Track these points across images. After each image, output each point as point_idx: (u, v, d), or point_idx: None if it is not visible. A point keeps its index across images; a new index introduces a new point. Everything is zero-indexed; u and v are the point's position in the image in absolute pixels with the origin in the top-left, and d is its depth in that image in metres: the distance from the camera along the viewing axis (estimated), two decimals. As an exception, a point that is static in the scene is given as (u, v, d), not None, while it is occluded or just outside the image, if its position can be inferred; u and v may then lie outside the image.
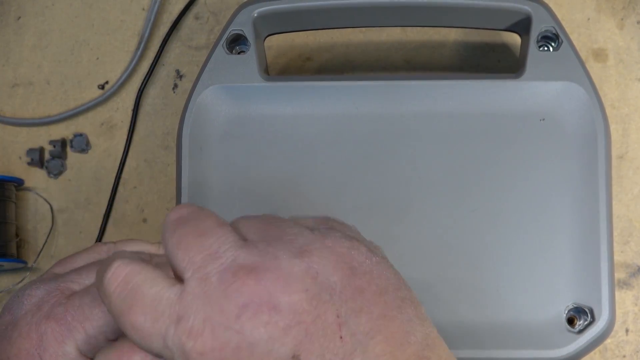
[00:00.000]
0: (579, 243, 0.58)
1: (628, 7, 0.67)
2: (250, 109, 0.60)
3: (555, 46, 0.59)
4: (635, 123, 0.65)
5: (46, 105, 0.68)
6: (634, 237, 0.64)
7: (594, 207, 0.58)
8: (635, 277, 0.64)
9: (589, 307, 0.57)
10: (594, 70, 0.65)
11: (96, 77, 0.68)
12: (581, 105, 0.58)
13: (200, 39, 0.68)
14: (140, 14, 0.69)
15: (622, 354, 0.64)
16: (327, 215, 0.45)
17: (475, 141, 0.59)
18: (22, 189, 0.67)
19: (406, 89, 0.59)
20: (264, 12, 0.60)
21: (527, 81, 0.59)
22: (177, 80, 0.68)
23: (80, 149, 0.68)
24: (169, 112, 0.68)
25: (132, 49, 0.68)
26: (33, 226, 0.68)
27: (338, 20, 0.61)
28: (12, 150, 0.68)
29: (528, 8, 0.59)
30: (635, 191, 0.65)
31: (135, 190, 0.67)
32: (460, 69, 0.67)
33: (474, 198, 0.58)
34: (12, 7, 0.69)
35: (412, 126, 0.59)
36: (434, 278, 0.58)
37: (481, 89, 0.59)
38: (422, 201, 0.58)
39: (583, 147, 0.58)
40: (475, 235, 0.58)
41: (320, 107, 0.60)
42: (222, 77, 0.60)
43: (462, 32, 0.67)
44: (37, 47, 0.69)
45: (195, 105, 0.59)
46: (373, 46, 0.67)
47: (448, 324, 0.57)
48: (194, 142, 0.59)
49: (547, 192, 0.58)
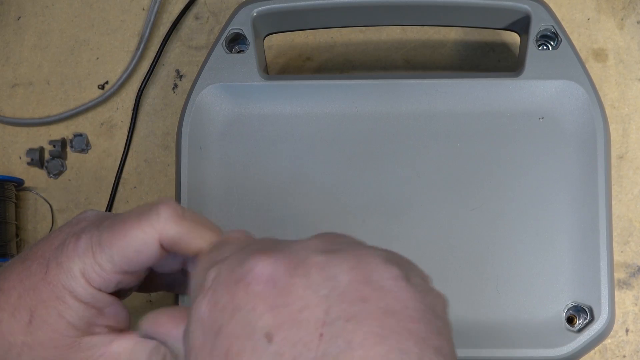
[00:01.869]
0: (578, 242, 0.58)
1: (628, 7, 0.67)
2: (250, 108, 0.60)
3: (554, 45, 0.59)
4: (635, 123, 0.65)
5: (46, 105, 0.68)
6: (634, 237, 0.64)
7: (594, 207, 0.57)
8: (635, 277, 0.64)
9: (588, 306, 0.57)
10: (594, 70, 0.65)
11: (96, 77, 0.69)
12: (580, 104, 0.58)
13: (200, 39, 0.68)
14: (140, 14, 0.69)
15: (622, 354, 0.64)
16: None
17: (475, 140, 0.59)
18: (22, 189, 0.67)
19: (406, 88, 0.59)
20: (263, 11, 0.60)
21: (526, 80, 0.59)
22: (177, 80, 0.68)
23: (80, 149, 0.68)
24: (169, 112, 0.68)
25: (132, 49, 0.68)
26: (33, 226, 0.68)
27: (337, 20, 0.61)
28: (12, 150, 0.68)
29: (527, 7, 0.59)
30: (635, 191, 0.65)
31: (135, 190, 0.67)
32: (460, 68, 0.67)
33: (473, 197, 0.58)
34: (12, 7, 0.69)
35: (411, 125, 0.59)
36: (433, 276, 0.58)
37: (480, 87, 0.59)
38: (421, 200, 0.58)
39: (582, 146, 0.58)
40: (475, 234, 0.58)
41: (319, 106, 0.60)
42: (221, 76, 0.60)
43: (461, 32, 0.67)
44: (37, 47, 0.69)
45: (195, 104, 0.59)
46: (373, 46, 0.67)
47: (447, 323, 0.57)
48: (193, 142, 0.59)
49: (546, 191, 0.58)
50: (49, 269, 0.47)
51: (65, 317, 0.46)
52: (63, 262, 0.46)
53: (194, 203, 0.59)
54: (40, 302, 0.46)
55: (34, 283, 0.47)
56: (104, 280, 0.47)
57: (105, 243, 0.46)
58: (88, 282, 0.46)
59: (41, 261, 0.47)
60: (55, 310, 0.46)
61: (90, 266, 0.46)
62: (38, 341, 0.46)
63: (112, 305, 0.48)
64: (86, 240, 0.47)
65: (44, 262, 0.47)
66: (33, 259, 0.48)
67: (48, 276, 0.46)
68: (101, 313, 0.48)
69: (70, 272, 0.46)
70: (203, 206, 0.59)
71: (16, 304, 0.47)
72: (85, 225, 0.48)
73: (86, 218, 0.50)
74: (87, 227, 0.48)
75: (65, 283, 0.46)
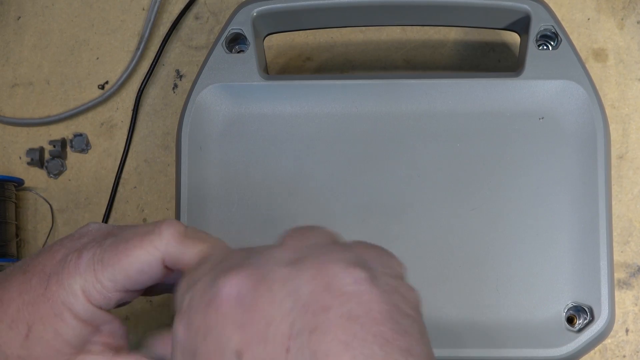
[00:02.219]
0: (578, 242, 0.57)
1: (628, 7, 0.66)
2: (250, 108, 0.60)
3: (554, 45, 0.59)
4: (635, 123, 0.65)
5: (46, 105, 0.68)
6: (634, 237, 0.64)
7: (594, 207, 0.57)
8: (635, 277, 0.64)
9: (588, 306, 0.57)
10: (594, 70, 0.65)
11: (96, 77, 0.69)
12: (580, 104, 0.58)
13: (200, 39, 0.68)
14: (140, 14, 0.69)
15: (622, 354, 0.64)
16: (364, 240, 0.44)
17: (475, 140, 0.59)
18: (22, 189, 0.67)
19: (406, 88, 0.59)
20: (263, 11, 0.60)
21: (526, 80, 0.59)
22: (177, 80, 0.68)
23: (80, 149, 0.68)
24: (169, 112, 0.68)
25: (132, 49, 0.68)
26: (33, 226, 0.68)
27: (337, 20, 0.61)
28: (12, 150, 0.68)
29: (527, 7, 0.59)
30: (635, 191, 0.65)
31: (135, 190, 0.67)
32: (460, 68, 0.67)
33: (473, 197, 0.58)
34: (12, 7, 0.69)
35: (411, 125, 0.59)
36: (432, 276, 0.58)
37: (480, 87, 0.59)
38: (421, 200, 0.58)
39: (582, 145, 0.58)
40: (475, 234, 0.58)
41: (319, 106, 0.60)
42: (221, 76, 0.60)
43: (461, 32, 0.67)
44: (37, 47, 0.69)
45: (195, 104, 0.59)
46: (373, 46, 0.67)
47: (448, 322, 0.57)
48: (193, 142, 0.59)
49: (546, 191, 0.58)
50: (49, 284, 0.47)
51: (62, 335, 0.46)
52: (64, 279, 0.46)
53: (194, 203, 0.59)
54: (39, 318, 0.46)
55: (34, 298, 0.47)
56: (104, 298, 0.47)
57: (108, 262, 0.46)
58: (88, 300, 0.46)
59: (42, 276, 0.47)
60: (52, 327, 0.46)
61: (92, 284, 0.46)
62: (34, 356, 0.46)
63: (110, 323, 0.48)
64: (88, 257, 0.47)
65: (44, 277, 0.47)
66: (34, 272, 0.47)
67: (48, 292, 0.46)
68: (98, 330, 0.48)
69: (71, 289, 0.46)
70: (203, 206, 0.59)
71: (15, 317, 0.47)
72: (87, 241, 0.48)
73: (89, 233, 0.49)
74: (89, 244, 0.48)
75: (65, 300, 0.46)
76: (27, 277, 0.47)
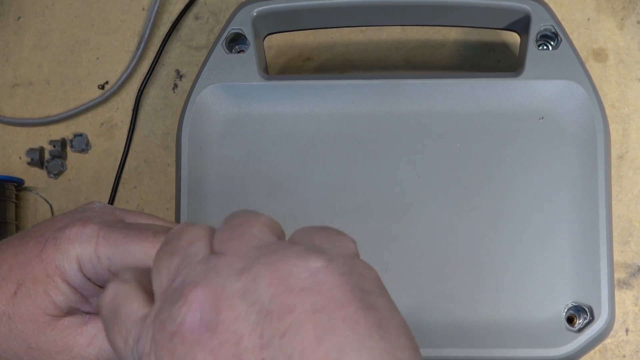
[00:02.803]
0: (578, 242, 0.58)
1: (628, 7, 0.67)
2: (250, 108, 0.60)
3: (554, 45, 0.59)
4: (635, 123, 0.65)
5: (46, 105, 0.68)
6: (634, 237, 0.64)
7: (594, 207, 0.57)
8: (635, 277, 0.64)
9: (588, 305, 0.57)
10: (594, 70, 0.65)
11: (96, 77, 0.69)
12: (580, 104, 0.58)
13: (200, 39, 0.68)
14: (140, 14, 0.69)
15: (622, 353, 0.64)
16: (325, 224, 0.43)
17: (475, 140, 0.59)
18: (22, 189, 0.67)
19: (406, 87, 0.59)
20: (263, 11, 0.60)
21: (526, 80, 0.59)
22: (177, 80, 0.68)
23: (80, 149, 0.68)
24: (169, 112, 0.68)
25: (132, 49, 0.68)
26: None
27: (337, 20, 0.61)
28: (12, 150, 0.68)
29: (527, 7, 0.59)
30: (635, 191, 0.65)
31: (135, 190, 0.67)
32: (460, 68, 0.67)
33: (473, 197, 0.58)
34: (12, 7, 0.69)
35: (411, 125, 0.59)
36: (432, 276, 0.58)
37: (480, 87, 0.59)
38: (421, 200, 0.58)
39: (582, 145, 0.58)
40: (475, 234, 0.58)
41: (319, 106, 0.60)
42: (221, 76, 0.60)
43: (461, 32, 0.67)
44: (37, 47, 0.69)
45: (195, 104, 0.59)
46: (373, 46, 0.67)
47: (447, 322, 0.57)
48: (193, 142, 0.59)
49: (546, 191, 0.58)
50: (45, 247, 0.47)
51: (51, 296, 0.47)
52: (62, 244, 0.47)
53: (194, 203, 0.59)
54: (30, 277, 0.47)
55: (28, 259, 0.47)
56: (96, 273, 0.47)
57: (114, 241, 0.46)
58: (81, 269, 0.46)
59: (39, 239, 0.47)
60: (42, 287, 0.46)
61: (88, 255, 0.46)
62: (18, 313, 0.47)
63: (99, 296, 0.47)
64: (93, 229, 0.47)
65: (42, 240, 0.47)
66: (31, 237, 0.48)
67: (43, 254, 0.47)
68: (86, 301, 0.48)
69: (67, 254, 0.46)
70: (203, 206, 0.59)
71: (5, 275, 0.47)
72: (92, 215, 0.48)
73: (93, 209, 0.50)
74: (94, 218, 0.48)
75: (59, 263, 0.46)
76: (25, 240, 0.48)
